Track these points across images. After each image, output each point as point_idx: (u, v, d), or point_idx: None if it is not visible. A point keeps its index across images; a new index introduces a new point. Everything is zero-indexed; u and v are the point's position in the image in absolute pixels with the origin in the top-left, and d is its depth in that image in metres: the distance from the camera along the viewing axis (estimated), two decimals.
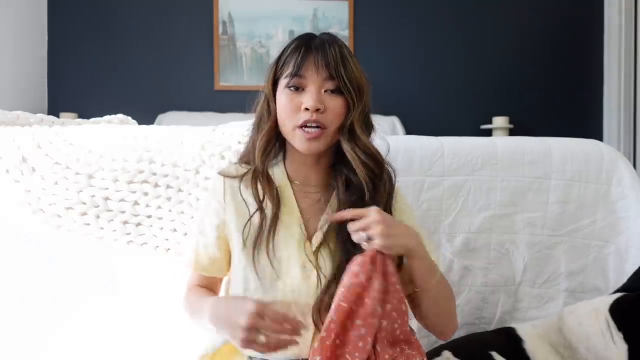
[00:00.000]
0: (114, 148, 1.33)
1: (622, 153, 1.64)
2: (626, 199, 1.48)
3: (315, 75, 0.98)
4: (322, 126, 0.97)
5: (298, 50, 0.99)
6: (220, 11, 3.63)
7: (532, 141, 1.55)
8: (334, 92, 0.99)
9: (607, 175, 1.50)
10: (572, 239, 1.48)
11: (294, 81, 0.98)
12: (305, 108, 0.97)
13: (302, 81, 0.98)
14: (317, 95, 0.97)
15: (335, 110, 0.98)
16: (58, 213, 1.31)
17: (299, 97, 0.98)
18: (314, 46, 0.99)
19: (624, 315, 1.18)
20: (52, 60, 3.54)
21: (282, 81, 1.01)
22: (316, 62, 0.97)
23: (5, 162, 1.32)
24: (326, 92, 0.98)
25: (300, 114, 0.98)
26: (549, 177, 1.48)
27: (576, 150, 1.51)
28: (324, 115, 0.97)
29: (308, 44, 1.00)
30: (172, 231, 1.34)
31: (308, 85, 0.98)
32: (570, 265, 1.48)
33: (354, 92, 0.98)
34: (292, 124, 0.98)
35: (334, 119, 0.98)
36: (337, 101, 0.99)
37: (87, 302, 1.36)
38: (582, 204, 1.48)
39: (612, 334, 1.17)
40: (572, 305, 1.31)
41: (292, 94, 0.99)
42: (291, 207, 1.02)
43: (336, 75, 0.97)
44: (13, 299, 1.36)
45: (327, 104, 0.98)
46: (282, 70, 1.01)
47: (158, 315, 1.34)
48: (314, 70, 0.98)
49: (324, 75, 0.98)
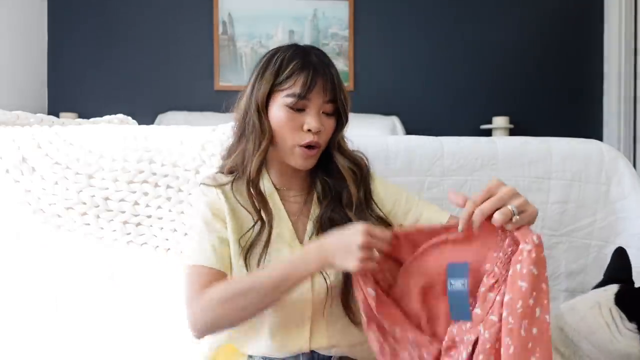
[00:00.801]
0: (114, 148, 1.33)
1: (622, 153, 1.64)
2: (626, 199, 1.48)
3: (319, 99, 1.02)
4: (318, 145, 1.03)
5: (305, 71, 1.00)
6: (220, 11, 3.63)
7: (532, 141, 1.55)
8: (329, 114, 1.05)
9: (607, 175, 1.50)
10: (572, 239, 1.48)
11: (301, 103, 1.01)
12: (308, 129, 1.01)
13: (306, 103, 1.01)
14: (319, 117, 1.02)
15: (328, 130, 1.05)
16: (58, 213, 1.31)
17: (301, 117, 1.02)
18: (319, 68, 1.02)
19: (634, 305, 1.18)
20: (52, 60, 3.54)
21: (281, 97, 1.02)
22: (324, 86, 1.01)
23: (5, 162, 1.32)
24: (323, 114, 1.04)
25: (302, 134, 1.01)
26: (549, 177, 1.48)
27: (576, 150, 1.51)
28: (320, 136, 1.03)
29: (314, 67, 1.01)
30: (172, 231, 1.34)
31: (310, 106, 1.02)
32: (570, 265, 1.48)
33: (345, 113, 1.06)
34: (293, 142, 1.02)
35: (326, 138, 1.05)
36: (331, 122, 1.05)
37: (87, 302, 1.36)
38: (582, 204, 1.48)
39: (618, 326, 1.17)
40: (569, 302, 1.32)
41: (293, 114, 1.01)
42: (279, 212, 1.06)
43: (337, 99, 1.03)
44: (13, 299, 1.36)
45: (325, 124, 1.04)
46: (282, 85, 1.01)
47: (158, 315, 1.34)
48: (320, 93, 1.01)
49: (327, 98, 1.02)
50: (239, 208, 1.04)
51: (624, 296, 1.19)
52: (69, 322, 1.36)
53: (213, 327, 0.95)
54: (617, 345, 1.16)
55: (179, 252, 1.34)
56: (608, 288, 1.23)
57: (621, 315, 1.17)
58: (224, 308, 0.92)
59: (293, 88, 1.00)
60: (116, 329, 1.35)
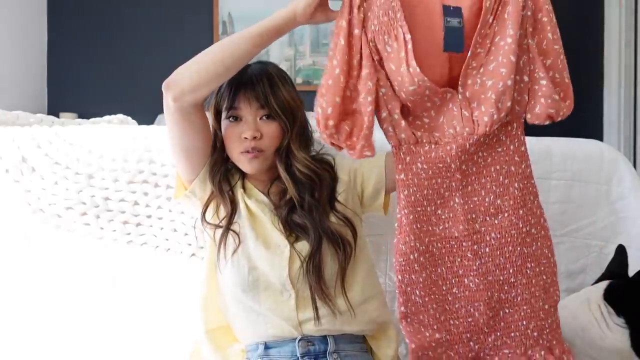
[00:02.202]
0: (114, 148, 1.33)
1: (622, 153, 1.64)
2: (626, 199, 1.48)
3: (248, 107, 1.12)
4: (260, 150, 1.11)
5: (231, 85, 1.13)
6: (220, 11, 3.63)
7: (532, 141, 1.53)
8: (269, 118, 1.12)
9: (607, 175, 1.50)
10: (572, 239, 1.48)
11: (231, 112, 1.13)
12: (244, 137, 1.10)
13: (238, 112, 1.13)
14: (253, 124, 1.11)
15: (270, 134, 1.13)
16: (58, 213, 1.31)
17: (239, 127, 1.12)
18: (245, 79, 1.13)
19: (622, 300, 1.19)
20: (52, 60, 3.54)
21: (222, 112, 1.15)
22: (247, 95, 1.11)
23: (5, 162, 1.32)
24: (262, 119, 1.12)
25: (242, 142, 1.11)
26: (549, 177, 1.48)
27: (576, 150, 1.51)
28: (261, 141, 1.11)
29: (241, 79, 1.13)
30: (172, 231, 1.34)
31: (244, 115, 1.12)
32: (570, 265, 1.48)
33: (286, 116, 1.12)
34: (236, 151, 1.13)
35: (270, 142, 1.12)
36: (272, 126, 1.13)
37: (86, 302, 1.36)
38: (582, 204, 1.48)
39: (607, 321, 1.18)
40: (562, 301, 1.32)
41: (232, 125, 1.13)
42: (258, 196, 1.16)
43: (266, 104, 1.11)
44: (13, 299, 1.36)
45: (263, 130, 1.12)
46: (221, 103, 1.15)
47: (158, 315, 1.34)
48: (246, 102, 1.12)
49: (256, 105, 1.12)
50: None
51: (612, 291, 1.20)
52: (68, 322, 1.36)
53: (190, 78, 1.06)
54: (607, 341, 1.17)
55: (179, 252, 1.34)
56: (599, 284, 1.24)
57: (609, 310, 1.18)
58: (200, 57, 1.08)
59: (225, 102, 1.14)
60: (116, 329, 1.35)
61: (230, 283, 1.12)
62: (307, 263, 1.08)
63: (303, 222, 1.10)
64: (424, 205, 1.05)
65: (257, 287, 1.10)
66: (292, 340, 1.09)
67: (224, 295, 1.15)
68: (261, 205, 1.15)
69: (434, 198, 1.05)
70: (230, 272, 1.11)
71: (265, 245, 1.11)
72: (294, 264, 1.09)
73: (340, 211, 1.13)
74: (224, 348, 1.14)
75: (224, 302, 1.15)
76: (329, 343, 1.09)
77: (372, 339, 1.17)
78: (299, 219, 1.11)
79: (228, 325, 1.16)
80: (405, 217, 1.05)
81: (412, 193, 1.05)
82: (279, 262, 1.09)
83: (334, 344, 1.10)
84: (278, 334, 1.09)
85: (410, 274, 1.05)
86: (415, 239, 1.04)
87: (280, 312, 1.09)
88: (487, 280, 1.04)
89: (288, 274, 1.09)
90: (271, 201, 1.16)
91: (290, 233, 1.12)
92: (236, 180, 1.17)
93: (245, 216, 1.13)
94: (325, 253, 1.09)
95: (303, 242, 1.11)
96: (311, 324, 1.09)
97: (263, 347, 1.10)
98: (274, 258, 1.10)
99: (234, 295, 1.12)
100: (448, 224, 1.05)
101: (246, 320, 1.12)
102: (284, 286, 1.09)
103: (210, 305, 1.17)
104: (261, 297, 1.10)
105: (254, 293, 1.10)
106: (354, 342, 1.13)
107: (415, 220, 1.05)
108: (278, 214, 1.13)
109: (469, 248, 1.04)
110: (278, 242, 1.11)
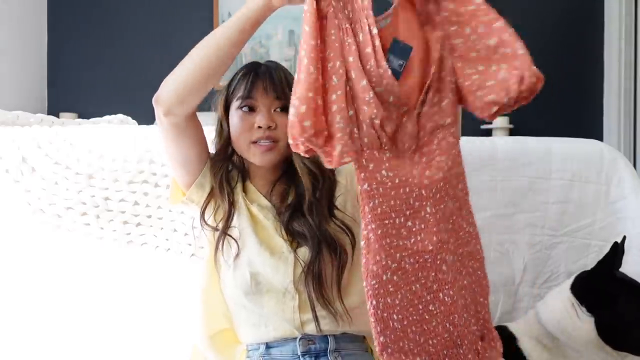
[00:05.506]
0: (114, 148, 1.33)
1: (622, 153, 1.64)
2: (626, 199, 1.48)
3: (264, 98, 1.11)
4: (275, 140, 1.10)
5: (247, 76, 1.13)
6: (220, 11, 3.63)
7: (532, 141, 1.55)
8: (283, 110, 1.10)
9: (607, 175, 1.50)
10: (572, 239, 1.48)
11: (246, 102, 1.11)
12: (258, 126, 1.09)
13: (253, 102, 1.11)
14: (268, 114, 1.10)
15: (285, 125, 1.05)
16: (58, 213, 1.32)
17: (252, 117, 1.11)
18: (261, 72, 1.12)
19: (585, 288, 1.22)
20: (52, 60, 3.54)
21: (233, 104, 1.14)
22: (265, 85, 1.11)
23: (5, 162, 1.32)
24: (276, 111, 1.11)
25: (254, 132, 1.10)
26: (549, 177, 1.48)
27: (576, 150, 1.51)
28: (275, 132, 1.10)
29: (255, 71, 1.13)
30: (172, 231, 1.34)
31: (259, 106, 1.11)
32: (570, 265, 1.48)
33: None
34: (247, 141, 1.11)
35: (284, 134, 1.06)
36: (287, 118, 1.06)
37: (87, 302, 1.36)
38: (582, 204, 1.48)
39: (577, 311, 1.20)
40: (544, 298, 1.34)
41: (245, 114, 1.12)
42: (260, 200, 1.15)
43: (283, 95, 1.09)
44: (13, 299, 1.37)
45: (277, 121, 1.10)
46: (233, 94, 1.14)
47: (158, 315, 1.35)
48: (263, 92, 1.11)
49: (272, 96, 1.11)
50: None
51: (578, 281, 1.23)
52: (69, 322, 1.36)
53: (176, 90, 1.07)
54: (580, 332, 1.20)
55: (179, 252, 1.34)
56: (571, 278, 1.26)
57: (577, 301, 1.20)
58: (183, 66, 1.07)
59: (239, 92, 1.12)
60: (116, 329, 1.35)
61: (231, 286, 1.12)
62: (308, 269, 1.08)
63: (302, 230, 1.10)
64: (392, 217, 0.92)
65: (259, 291, 1.09)
66: (293, 339, 1.09)
67: (225, 296, 1.15)
68: (264, 210, 1.14)
69: (402, 209, 0.93)
70: (232, 276, 1.11)
71: (270, 252, 1.10)
72: (297, 269, 1.09)
73: (339, 218, 1.12)
74: (226, 351, 1.14)
75: (225, 302, 1.15)
76: (330, 342, 1.10)
77: (372, 340, 1.17)
78: (299, 227, 1.10)
79: (229, 328, 1.16)
80: (373, 232, 0.91)
81: (378, 204, 0.92)
82: (284, 268, 1.09)
83: (335, 343, 1.10)
84: (279, 335, 1.09)
85: (385, 297, 0.92)
86: (387, 256, 0.91)
87: (282, 313, 1.09)
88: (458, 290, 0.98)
89: (292, 279, 1.09)
90: (273, 205, 1.15)
91: (292, 239, 1.12)
92: (236, 182, 1.17)
93: (248, 222, 1.12)
94: (325, 259, 1.09)
95: (304, 247, 1.10)
96: (312, 325, 1.09)
97: (264, 346, 1.10)
98: (279, 264, 1.09)
99: (235, 298, 1.12)
100: (420, 236, 0.94)
101: (248, 321, 1.12)
102: (287, 290, 1.09)
103: (210, 310, 1.16)
104: (264, 300, 1.09)
105: (257, 297, 1.09)
106: (355, 341, 1.13)
107: (384, 235, 0.91)
108: (280, 219, 1.12)
109: (443, 260, 0.95)
110: (282, 248, 1.11)
